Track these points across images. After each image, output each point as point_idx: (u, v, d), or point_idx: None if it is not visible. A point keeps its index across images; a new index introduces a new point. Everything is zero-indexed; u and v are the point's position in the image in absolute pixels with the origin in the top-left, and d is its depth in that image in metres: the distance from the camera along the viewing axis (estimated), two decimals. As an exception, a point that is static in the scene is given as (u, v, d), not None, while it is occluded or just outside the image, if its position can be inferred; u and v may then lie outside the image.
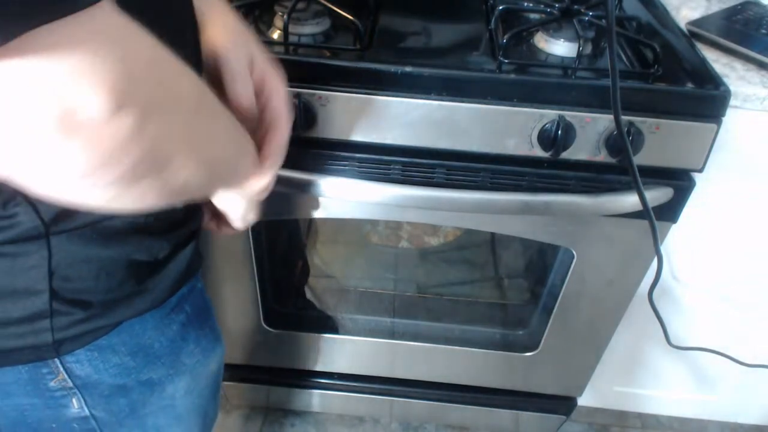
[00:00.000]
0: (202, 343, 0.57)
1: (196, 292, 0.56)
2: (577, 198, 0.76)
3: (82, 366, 0.48)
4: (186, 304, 0.54)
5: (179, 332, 0.54)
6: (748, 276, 0.93)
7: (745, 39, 0.80)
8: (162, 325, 0.52)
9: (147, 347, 0.51)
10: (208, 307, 0.60)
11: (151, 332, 0.51)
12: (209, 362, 0.59)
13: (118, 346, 0.49)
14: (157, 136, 0.31)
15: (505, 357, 1.06)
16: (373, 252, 1.23)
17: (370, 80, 0.70)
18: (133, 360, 0.50)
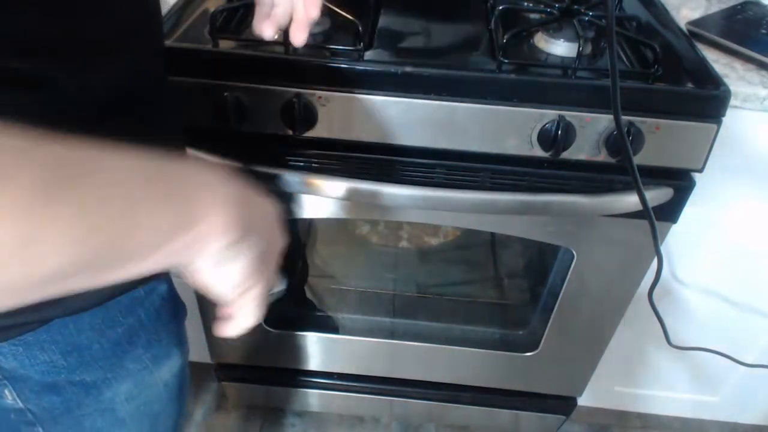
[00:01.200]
0: (154, 348, 0.55)
1: (157, 296, 0.53)
2: (577, 198, 0.76)
3: (7, 359, 0.47)
4: (139, 308, 0.51)
5: (125, 335, 0.51)
6: (748, 276, 0.93)
7: (745, 39, 0.80)
8: (104, 327, 0.49)
9: (83, 348, 0.49)
10: (172, 311, 0.56)
11: (88, 333, 0.48)
12: (159, 370, 0.56)
13: (48, 344, 0.47)
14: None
15: (505, 357, 1.06)
16: (373, 252, 1.23)
17: (370, 80, 0.70)
18: (65, 359, 0.48)
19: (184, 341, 0.61)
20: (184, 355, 0.61)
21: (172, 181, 0.32)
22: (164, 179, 0.32)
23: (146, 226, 0.31)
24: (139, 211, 0.29)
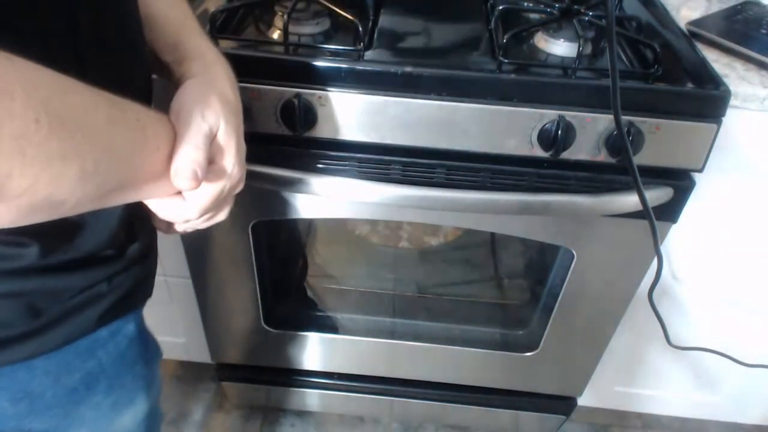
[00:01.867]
0: (115, 394, 0.51)
1: (122, 337, 0.50)
2: (577, 198, 0.76)
3: None
4: (100, 351, 0.48)
5: (83, 381, 0.48)
6: (748, 276, 0.93)
7: (745, 39, 0.80)
8: (59, 373, 0.46)
9: (34, 395, 0.45)
10: (140, 353, 0.53)
11: (41, 379, 0.45)
12: (120, 417, 0.53)
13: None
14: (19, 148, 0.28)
15: (505, 357, 1.06)
16: (373, 252, 1.23)
17: (370, 80, 0.70)
18: (13, 407, 0.45)
19: (153, 384, 0.57)
20: (151, 399, 0.58)
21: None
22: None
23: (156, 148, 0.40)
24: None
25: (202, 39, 0.52)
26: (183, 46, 0.50)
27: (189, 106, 0.44)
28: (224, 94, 0.48)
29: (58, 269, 0.43)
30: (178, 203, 0.45)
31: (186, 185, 0.42)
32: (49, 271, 0.43)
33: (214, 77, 0.49)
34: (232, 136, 0.46)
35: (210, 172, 0.44)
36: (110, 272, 0.47)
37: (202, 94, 0.46)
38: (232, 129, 0.46)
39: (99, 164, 0.35)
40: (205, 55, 0.50)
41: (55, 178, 0.32)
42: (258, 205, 0.85)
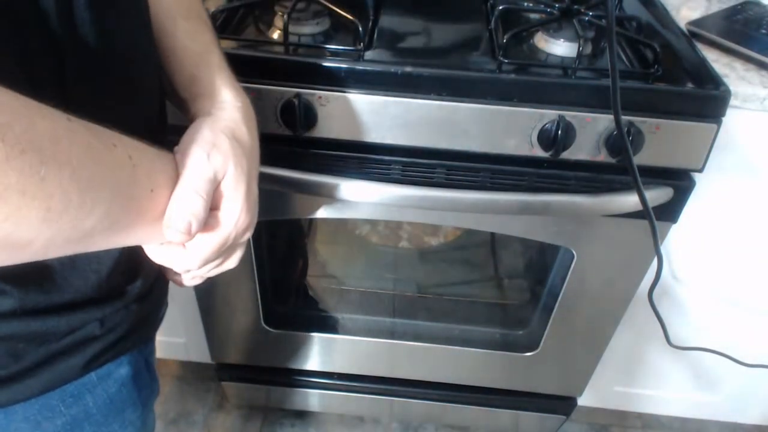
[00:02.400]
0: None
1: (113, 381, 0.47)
2: (577, 198, 0.76)
3: None
4: (88, 396, 0.45)
5: (67, 428, 0.45)
6: (747, 276, 0.93)
7: (745, 39, 0.80)
8: (40, 418, 0.43)
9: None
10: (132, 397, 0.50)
11: (19, 424, 0.42)
12: None
13: None
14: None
15: (505, 357, 1.06)
16: (373, 252, 1.23)
17: (370, 80, 0.70)
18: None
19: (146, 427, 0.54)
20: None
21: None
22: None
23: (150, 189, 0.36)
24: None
25: (220, 75, 0.48)
26: (199, 82, 0.47)
27: (194, 147, 0.41)
28: (237, 135, 0.44)
29: (39, 312, 0.40)
30: (176, 252, 0.41)
31: (176, 238, 0.38)
32: (30, 314, 0.40)
33: (228, 117, 0.45)
34: (241, 181, 0.42)
35: (212, 219, 0.41)
36: (103, 313, 0.44)
37: (210, 134, 0.42)
38: (241, 173, 0.42)
39: (71, 203, 0.31)
40: (220, 93, 0.47)
41: (13, 215, 0.28)
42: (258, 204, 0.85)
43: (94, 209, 0.32)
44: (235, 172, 0.42)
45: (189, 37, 0.49)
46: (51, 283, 0.40)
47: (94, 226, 0.33)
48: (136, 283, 0.46)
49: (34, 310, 0.40)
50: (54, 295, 0.40)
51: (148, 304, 0.49)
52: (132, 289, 0.46)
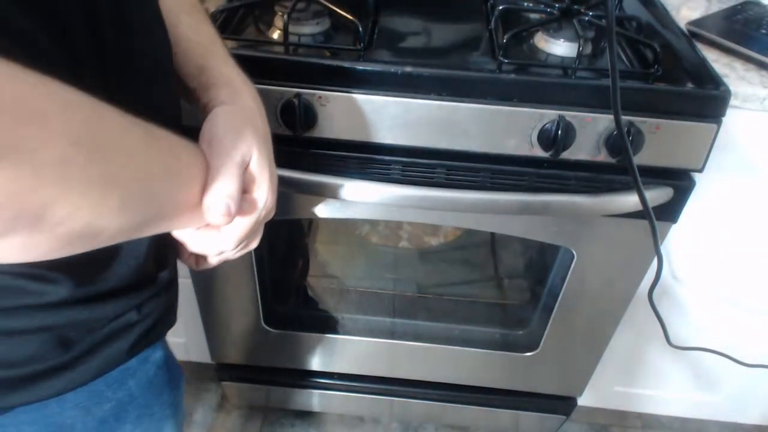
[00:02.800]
0: (144, 424, 0.50)
1: (151, 365, 0.50)
2: (577, 198, 0.76)
3: None
4: (130, 380, 0.48)
5: (113, 412, 0.47)
6: (748, 276, 0.93)
7: (745, 39, 0.80)
8: (90, 404, 0.45)
9: (65, 428, 0.44)
10: (167, 380, 0.52)
11: (72, 412, 0.44)
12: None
13: (25, 425, 0.43)
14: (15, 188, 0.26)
15: (505, 357, 1.06)
16: (373, 252, 1.23)
17: (370, 80, 0.70)
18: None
19: (179, 410, 0.56)
20: (178, 427, 0.57)
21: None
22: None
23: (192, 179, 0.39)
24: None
25: (228, 64, 0.51)
26: (209, 72, 0.49)
27: (221, 136, 0.43)
28: (254, 123, 0.46)
29: (88, 301, 0.42)
30: (212, 236, 0.44)
31: (219, 221, 0.40)
32: (80, 303, 0.42)
33: (244, 105, 0.47)
34: (265, 164, 0.45)
35: (245, 203, 0.43)
36: (140, 301, 0.46)
37: (233, 122, 0.44)
38: (264, 158, 0.45)
39: (138, 192, 0.34)
40: (233, 82, 0.49)
41: (95, 205, 0.31)
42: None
43: (154, 198, 0.36)
44: (259, 156, 0.44)
45: (193, 30, 0.50)
46: (98, 271, 0.42)
47: (153, 214, 0.36)
48: (165, 272, 0.49)
49: (84, 298, 0.41)
50: (101, 284, 0.42)
51: (173, 291, 0.51)
52: (162, 277, 0.48)
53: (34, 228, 0.28)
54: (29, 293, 0.39)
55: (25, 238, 0.29)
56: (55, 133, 0.28)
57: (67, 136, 0.28)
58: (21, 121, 0.26)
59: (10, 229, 0.27)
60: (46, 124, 0.27)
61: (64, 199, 0.29)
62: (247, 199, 0.43)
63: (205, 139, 0.43)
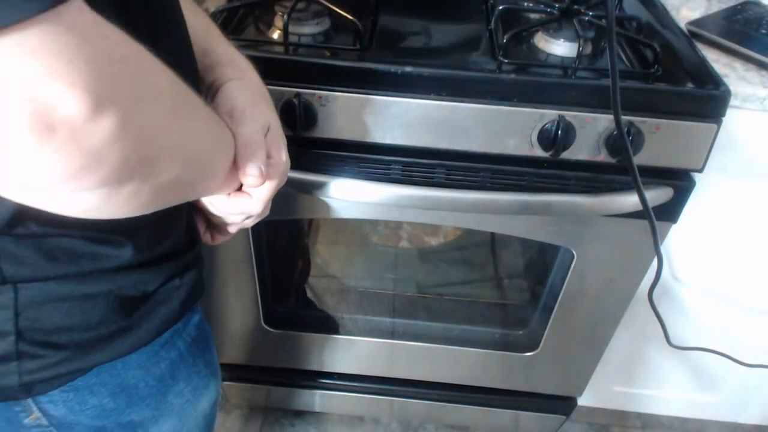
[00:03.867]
0: (194, 381, 0.54)
1: (192, 326, 0.53)
2: (577, 198, 0.76)
3: (57, 407, 0.45)
4: (179, 340, 0.51)
5: (168, 370, 0.50)
6: (748, 276, 0.93)
7: (745, 39, 0.80)
8: (149, 364, 0.48)
9: (130, 387, 0.48)
10: (205, 340, 0.56)
11: (135, 372, 0.48)
12: (200, 401, 0.56)
13: (97, 386, 0.46)
14: (142, 134, 0.30)
15: (505, 357, 1.06)
16: (373, 252, 1.23)
17: (370, 80, 0.70)
18: (114, 401, 0.47)
19: (218, 369, 0.60)
20: (219, 384, 0.60)
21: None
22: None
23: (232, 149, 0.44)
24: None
25: (229, 45, 0.54)
26: (213, 52, 0.52)
27: (242, 107, 0.47)
28: (264, 94, 0.51)
29: (147, 264, 0.45)
30: (244, 200, 0.48)
31: (255, 182, 0.45)
32: (140, 267, 0.45)
33: (251, 79, 0.51)
34: (281, 131, 0.50)
35: (270, 167, 0.47)
36: (183, 266, 0.50)
37: (248, 95, 0.48)
38: (279, 125, 0.50)
39: (209, 151, 0.39)
40: (236, 60, 0.52)
41: (185, 159, 0.36)
42: (258, 205, 0.85)
43: (213, 160, 0.41)
44: (276, 124, 0.49)
45: (192, 14, 0.52)
46: (153, 237, 0.45)
47: (209, 174, 0.41)
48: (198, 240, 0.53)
49: (144, 262, 0.45)
50: (155, 249, 0.46)
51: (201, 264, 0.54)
52: (197, 244, 0.53)
53: (146, 175, 0.32)
54: (99, 257, 0.42)
55: (135, 187, 0.32)
56: (164, 87, 0.33)
57: (170, 91, 0.34)
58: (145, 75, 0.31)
59: (129, 176, 0.31)
60: (159, 78, 0.32)
61: (170, 149, 0.33)
62: (272, 163, 0.47)
63: (225, 111, 0.46)
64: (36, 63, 0.25)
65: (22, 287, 0.40)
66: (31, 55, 0.25)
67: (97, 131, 0.27)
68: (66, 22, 0.25)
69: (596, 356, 1.04)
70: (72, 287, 0.42)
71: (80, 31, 0.26)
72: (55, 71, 0.25)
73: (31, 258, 0.39)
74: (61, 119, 0.26)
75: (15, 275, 0.39)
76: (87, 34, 0.27)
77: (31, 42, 0.24)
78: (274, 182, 0.48)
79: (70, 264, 0.40)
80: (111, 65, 0.28)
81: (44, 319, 0.41)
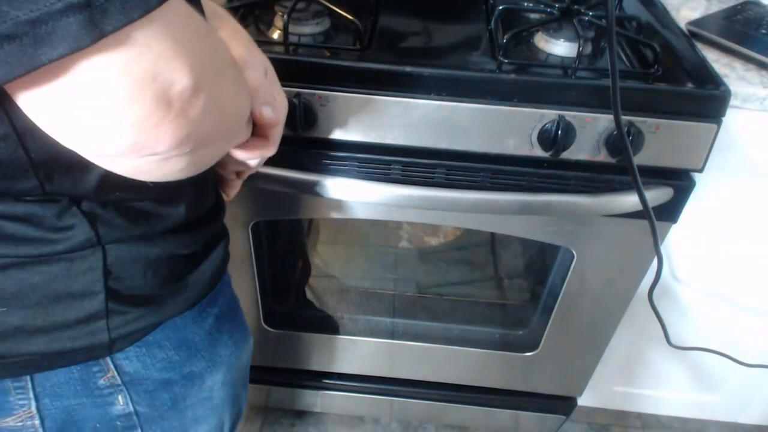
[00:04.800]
0: (235, 335, 0.58)
1: (226, 287, 0.58)
2: (577, 198, 0.76)
3: (131, 363, 0.48)
4: (219, 298, 0.55)
5: (215, 325, 0.54)
6: (748, 276, 0.93)
7: (745, 39, 0.80)
8: (200, 319, 0.53)
9: (188, 341, 0.52)
10: (236, 301, 0.61)
11: (191, 326, 0.52)
12: (242, 354, 0.60)
13: (164, 341, 0.50)
14: (219, 105, 0.35)
15: (505, 357, 1.06)
16: (373, 252, 1.22)
17: (370, 80, 0.70)
18: (177, 354, 0.51)
19: (248, 331, 0.64)
20: (252, 340, 0.65)
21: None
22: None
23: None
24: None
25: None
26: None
27: (240, 55, 0.48)
28: (251, 41, 0.52)
29: (197, 224, 0.49)
30: (263, 143, 0.51)
31: (272, 123, 0.48)
32: (191, 226, 0.48)
33: (236, 27, 0.53)
34: (275, 74, 0.53)
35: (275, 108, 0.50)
36: (217, 231, 0.54)
37: (242, 43, 0.50)
38: (273, 68, 0.52)
39: (246, 109, 0.43)
40: (217, 11, 0.53)
41: (238, 116, 0.40)
42: (258, 205, 0.85)
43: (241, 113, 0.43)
44: (272, 69, 0.52)
45: None
46: (200, 197, 0.49)
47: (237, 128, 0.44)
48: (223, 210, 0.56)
49: (195, 221, 0.48)
50: (201, 207, 0.50)
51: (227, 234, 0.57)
52: (222, 213, 0.55)
53: (215, 139, 0.37)
54: (164, 217, 0.45)
55: (214, 149, 0.38)
56: (227, 58, 0.37)
57: (228, 60, 0.38)
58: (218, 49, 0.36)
59: (211, 140, 0.36)
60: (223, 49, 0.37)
61: (232, 113, 0.38)
62: (276, 105, 0.50)
63: None
64: (162, 46, 0.29)
65: (110, 248, 0.43)
66: (158, 39, 0.29)
67: (198, 102, 0.32)
68: (174, 8, 0.30)
69: (596, 356, 1.04)
70: (148, 247, 0.46)
71: (184, 15, 0.31)
72: (173, 51, 0.30)
73: (116, 220, 0.43)
74: (176, 93, 0.30)
75: (106, 237, 0.43)
76: (187, 17, 0.31)
77: (159, 27, 0.29)
78: (282, 120, 0.51)
79: (146, 225, 0.45)
80: (200, 42, 0.32)
81: (127, 277, 0.45)
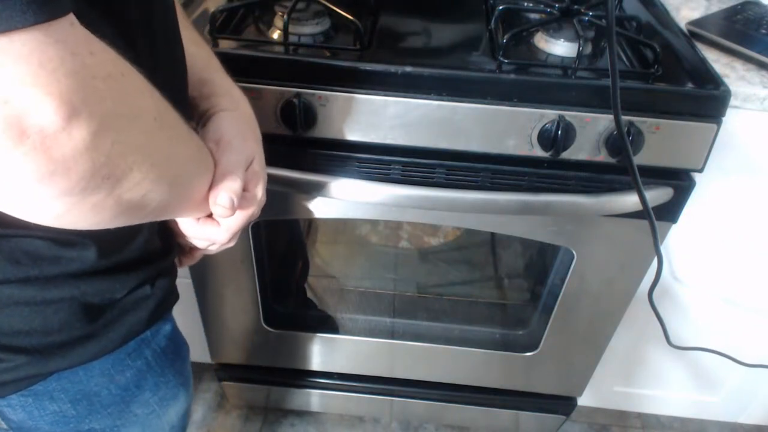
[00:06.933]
0: (161, 391, 0.53)
1: (162, 336, 0.53)
2: (577, 198, 0.76)
3: (15, 411, 0.45)
4: (146, 349, 0.51)
5: (133, 379, 0.50)
6: (747, 276, 0.93)
7: (745, 39, 0.80)
8: (113, 372, 0.48)
9: (92, 395, 0.47)
10: (176, 351, 0.56)
11: (98, 379, 0.47)
12: (167, 412, 0.55)
13: (57, 392, 0.45)
14: (114, 150, 0.31)
15: (505, 357, 1.06)
16: (373, 252, 1.23)
17: (370, 80, 0.70)
18: (74, 408, 0.47)
19: (189, 380, 0.60)
20: (190, 396, 0.60)
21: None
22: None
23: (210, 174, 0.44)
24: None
25: (226, 77, 0.55)
26: (211, 83, 0.53)
27: (229, 137, 0.47)
28: (254, 128, 0.52)
29: (113, 270, 0.45)
30: (211, 227, 0.48)
31: (224, 213, 0.45)
32: (106, 272, 0.44)
33: (244, 112, 0.52)
34: (263, 166, 0.51)
35: (244, 200, 0.47)
36: (154, 274, 0.49)
37: (238, 127, 0.50)
38: (262, 160, 0.51)
39: (183, 174, 0.39)
40: (232, 92, 0.53)
41: (156, 178, 0.35)
42: (258, 205, 0.85)
43: (188, 183, 0.41)
44: (260, 158, 0.50)
45: (193, 44, 0.54)
46: (120, 242, 0.45)
47: (182, 198, 0.41)
48: (173, 250, 0.53)
49: (110, 267, 0.44)
50: (122, 254, 0.46)
51: (175, 272, 0.54)
52: (171, 254, 0.52)
53: (111, 189, 0.32)
54: (62, 261, 0.41)
55: (100, 199, 0.32)
56: (147, 108, 0.33)
57: (153, 113, 0.34)
58: (128, 94, 0.32)
59: (96, 188, 0.31)
60: (143, 98, 0.33)
61: (140, 166, 0.33)
62: (246, 197, 0.48)
63: (212, 139, 0.47)
64: (20, 69, 0.26)
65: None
66: (16, 61, 0.26)
67: (68, 141, 0.28)
68: (56, 35, 0.27)
69: (596, 356, 1.04)
70: (34, 291, 0.41)
71: (68, 45, 0.28)
72: (35, 78, 0.26)
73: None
74: (33, 125, 0.27)
75: None
76: (74, 48, 0.28)
77: (20, 49, 0.26)
78: (245, 215, 0.48)
79: (32, 267, 0.40)
80: (93, 80, 0.29)
81: (3, 322, 0.41)
